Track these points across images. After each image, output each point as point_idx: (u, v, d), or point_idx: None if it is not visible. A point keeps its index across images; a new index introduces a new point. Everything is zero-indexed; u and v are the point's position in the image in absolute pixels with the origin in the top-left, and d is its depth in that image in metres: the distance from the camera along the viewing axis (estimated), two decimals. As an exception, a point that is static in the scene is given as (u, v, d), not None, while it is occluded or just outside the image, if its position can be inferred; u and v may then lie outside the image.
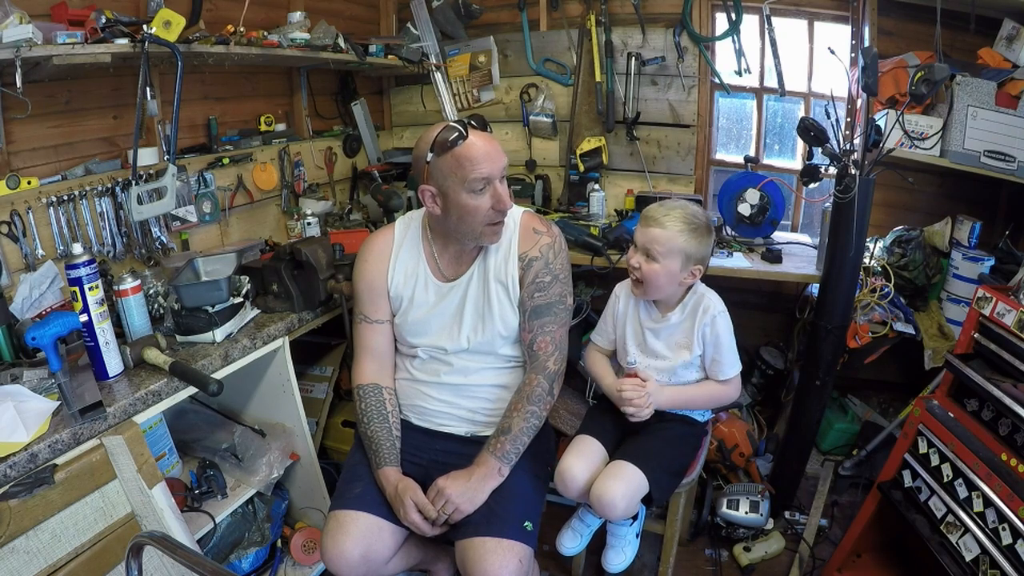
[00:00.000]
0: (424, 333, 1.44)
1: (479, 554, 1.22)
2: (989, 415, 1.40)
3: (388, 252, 1.46)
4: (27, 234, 1.54)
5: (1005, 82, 1.89)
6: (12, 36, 1.32)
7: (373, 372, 1.47)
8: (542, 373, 1.39)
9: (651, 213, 1.38)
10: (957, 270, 2.02)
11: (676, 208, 1.37)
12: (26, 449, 1.06)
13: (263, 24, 2.07)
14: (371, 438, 1.39)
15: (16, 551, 1.03)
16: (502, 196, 1.30)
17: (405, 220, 1.51)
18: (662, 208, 1.38)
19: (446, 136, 1.27)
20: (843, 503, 2.12)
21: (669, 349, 1.45)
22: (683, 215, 1.36)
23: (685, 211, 1.37)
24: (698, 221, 1.36)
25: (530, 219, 1.46)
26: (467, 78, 2.87)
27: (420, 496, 1.30)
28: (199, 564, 0.71)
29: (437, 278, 1.44)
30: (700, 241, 1.36)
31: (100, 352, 1.28)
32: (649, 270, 1.37)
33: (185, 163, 1.95)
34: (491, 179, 1.29)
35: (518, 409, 1.36)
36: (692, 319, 1.41)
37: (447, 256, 1.44)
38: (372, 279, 1.45)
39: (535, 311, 1.40)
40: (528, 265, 1.41)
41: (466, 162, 1.26)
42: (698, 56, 2.53)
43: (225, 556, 1.71)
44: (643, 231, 1.38)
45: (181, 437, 1.70)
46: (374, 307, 1.46)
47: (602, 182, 2.72)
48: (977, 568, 1.29)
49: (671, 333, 1.44)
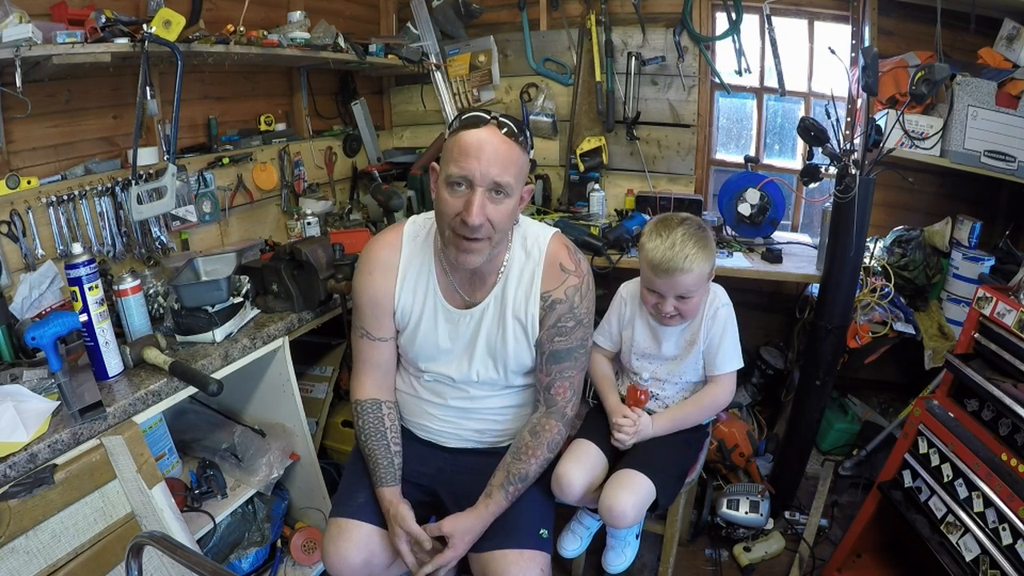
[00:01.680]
0: (431, 359, 1.34)
1: (501, 567, 1.20)
2: (989, 415, 1.40)
3: (395, 265, 1.31)
4: (27, 234, 1.54)
5: (1005, 82, 1.89)
6: (12, 36, 1.31)
7: (373, 387, 1.38)
8: (561, 420, 1.31)
9: (663, 262, 1.30)
10: (957, 270, 2.02)
11: (679, 238, 1.30)
12: (26, 449, 1.06)
13: (263, 24, 2.07)
14: (369, 456, 1.33)
15: (16, 551, 1.03)
16: (472, 206, 1.11)
17: (414, 226, 1.35)
18: (671, 249, 1.30)
19: (464, 118, 1.16)
20: (843, 503, 2.12)
21: (679, 347, 1.45)
22: (690, 239, 1.30)
23: (687, 233, 1.31)
24: (701, 232, 1.33)
25: (558, 250, 1.30)
26: (467, 78, 2.87)
27: (413, 527, 1.24)
28: (199, 564, 0.71)
29: (449, 301, 1.31)
30: (712, 250, 1.34)
31: (100, 352, 1.28)
32: (687, 308, 1.36)
33: (185, 163, 1.94)
34: (471, 181, 1.11)
35: (536, 456, 1.28)
36: (700, 313, 1.42)
37: (460, 275, 1.30)
38: (376, 295, 1.31)
39: (554, 355, 1.29)
40: (551, 307, 1.28)
41: (456, 148, 1.13)
42: (698, 56, 2.53)
43: (225, 556, 1.71)
44: (667, 282, 1.32)
45: (181, 437, 1.70)
46: (377, 324, 1.33)
47: (602, 182, 2.72)
48: (977, 568, 1.29)
49: (683, 329, 1.44)
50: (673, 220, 1.35)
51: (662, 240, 1.31)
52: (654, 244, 1.32)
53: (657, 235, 1.33)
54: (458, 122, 1.17)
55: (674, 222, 1.34)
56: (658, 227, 1.34)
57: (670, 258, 1.29)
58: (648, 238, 1.35)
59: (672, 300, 1.34)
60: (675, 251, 1.29)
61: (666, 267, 1.30)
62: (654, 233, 1.34)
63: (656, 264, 1.31)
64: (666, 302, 1.35)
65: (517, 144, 1.15)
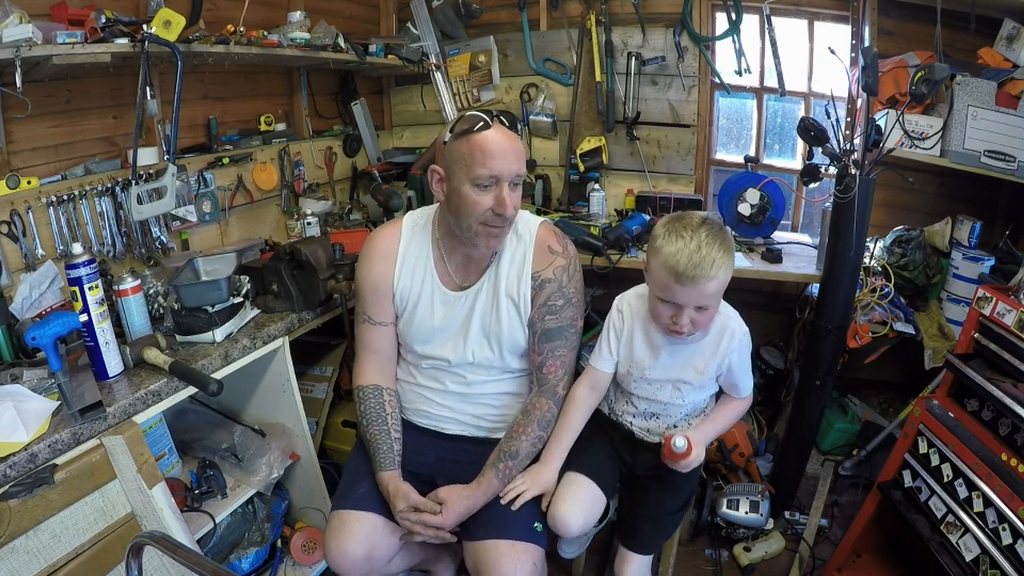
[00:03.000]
0: (428, 342, 1.40)
1: (493, 557, 1.22)
2: (989, 415, 1.40)
3: (394, 251, 1.39)
4: (27, 234, 1.54)
5: (1005, 82, 1.89)
6: (12, 36, 1.32)
7: (374, 373, 1.44)
8: (552, 399, 1.35)
9: (689, 268, 1.13)
10: (957, 270, 2.02)
11: (704, 240, 1.13)
12: (26, 449, 1.06)
13: (263, 24, 2.07)
14: (370, 441, 1.37)
15: (16, 551, 1.03)
16: (505, 201, 1.22)
17: (413, 217, 1.44)
18: (697, 253, 1.13)
19: (469, 121, 1.22)
20: (843, 503, 2.12)
21: (685, 369, 1.31)
22: (715, 242, 1.14)
23: (711, 235, 1.15)
24: (724, 234, 1.17)
25: (547, 234, 1.38)
26: (467, 78, 2.87)
27: (415, 497, 1.28)
28: (199, 564, 0.71)
29: (445, 285, 1.38)
30: (734, 254, 1.19)
31: (100, 352, 1.28)
32: (703, 320, 1.21)
33: (185, 163, 1.94)
34: (500, 179, 1.21)
35: (527, 433, 1.32)
36: (716, 343, 1.28)
37: (456, 260, 1.38)
38: (377, 279, 1.39)
39: (545, 334, 1.35)
40: (540, 286, 1.35)
41: (478, 152, 1.20)
42: (698, 56, 2.53)
43: (225, 556, 1.71)
44: (690, 290, 1.15)
45: (181, 437, 1.70)
46: (378, 308, 1.41)
47: (602, 182, 2.72)
48: (977, 568, 1.29)
49: (692, 353, 1.30)
50: (693, 220, 1.18)
51: (685, 243, 1.14)
52: (675, 247, 1.14)
53: (679, 237, 1.15)
54: (464, 124, 1.22)
55: (695, 222, 1.17)
56: (677, 228, 1.17)
57: (696, 263, 1.12)
58: (667, 241, 1.16)
59: (690, 311, 1.18)
60: (701, 255, 1.12)
61: (692, 274, 1.12)
62: (673, 235, 1.16)
63: (680, 271, 1.13)
64: (683, 314, 1.18)
65: (518, 135, 1.27)
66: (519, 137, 1.27)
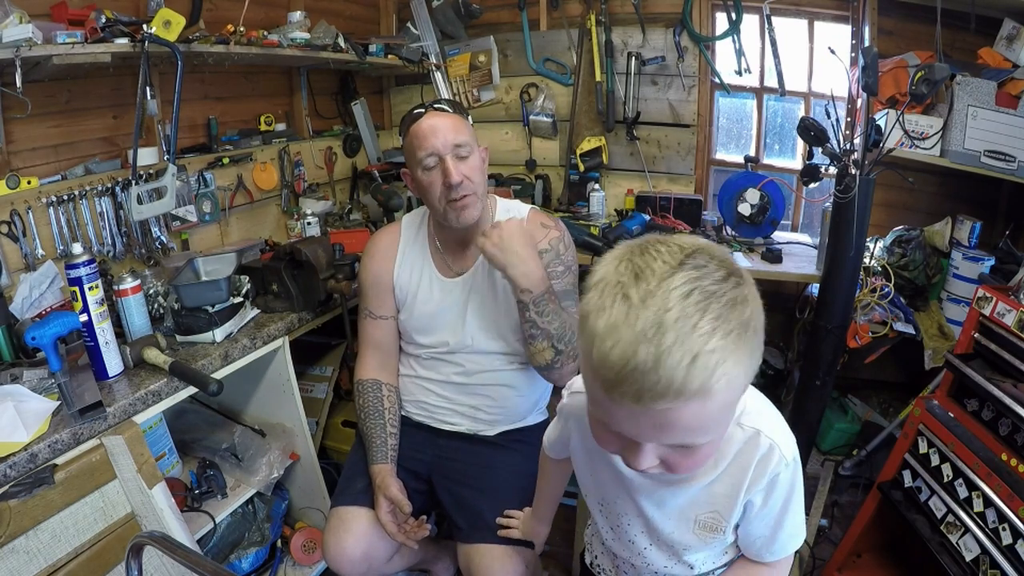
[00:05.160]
0: (428, 330, 1.43)
1: (486, 560, 1.23)
2: (989, 415, 1.40)
3: (394, 248, 1.46)
4: (27, 234, 1.54)
5: (1005, 82, 1.89)
6: (12, 36, 1.31)
7: (375, 367, 1.47)
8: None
9: (624, 376, 0.54)
10: (957, 270, 2.02)
11: (673, 304, 0.53)
12: (26, 449, 1.06)
13: (263, 24, 2.07)
14: (366, 434, 1.40)
15: (16, 551, 1.03)
16: (448, 170, 1.26)
17: (410, 217, 1.51)
18: (646, 344, 0.53)
19: (408, 119, 1.33)
20: (843, 503, 2.12)
21: (683, 528, 0.81)
22: (698, 311, 0.53)
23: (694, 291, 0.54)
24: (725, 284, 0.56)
25: (536, 215, 1.45)
26: (467, 78, 2.87)
27: (394, 492, 1.29)
28: (199, 564, 0.71)
29: (442, 273, 1.43)
30: (752, 336, 0.57)
31: (100, 352, 1.28)
32: (687, 461, 0.64)
33: (185, 163, 1.94)
34: (439, 154, 1.28)
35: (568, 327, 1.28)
36: (738, 476, 0.75)
37: (449, 248, 1.43)
38: (378, 274, 1.45)
39: None
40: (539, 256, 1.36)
41: (415, 139, 1.29)
42: (698, 56, 2.53)
43: (225, 556, 1.71)
44: (636, 418, 0.57)
45: (181, 437, 1.70)
46: (379, 302, 1.46)
47: (602, 182, 2.72)
48: (977, 568, 1.29)
49: (693, 502, 0.79)
50: (660, 258, 0.57)
51: (627, 314, 0.54)
52: (608, 321, 0.55)
53: (619, 298, 0.55)
54: (406, 123, 1.34)
55: (663, 264, 0.56)
56: (623, 278, 0.57)
57: (647, 365, 0.53)
58: (597, 305, 0.57)
59: (657, 448, 0.63)
60: (660, 346, 0.52)
61: (637, 387, 0.54)
62: (612, 292, 0.56)
63: (613, 379, 0.55)
64: (641, 452, 0.62)
65: (457, 114, 1.34)
66: (457, 115, 1.33)
